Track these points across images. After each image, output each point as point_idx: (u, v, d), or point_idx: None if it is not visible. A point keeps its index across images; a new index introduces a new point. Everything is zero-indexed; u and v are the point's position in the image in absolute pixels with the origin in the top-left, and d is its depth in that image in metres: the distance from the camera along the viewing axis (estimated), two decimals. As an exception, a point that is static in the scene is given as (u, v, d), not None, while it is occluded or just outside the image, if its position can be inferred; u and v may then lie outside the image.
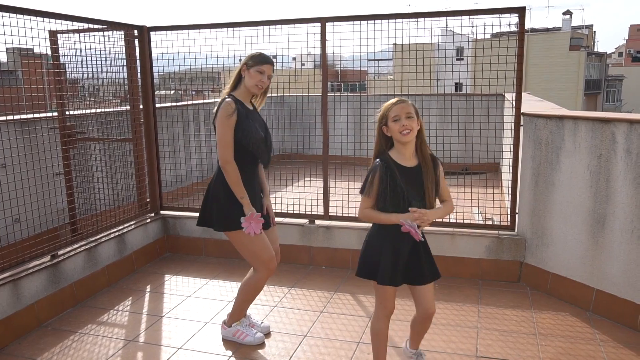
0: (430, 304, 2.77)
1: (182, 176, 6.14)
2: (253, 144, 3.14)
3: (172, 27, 5.03)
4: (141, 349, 3.42)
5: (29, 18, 3.76)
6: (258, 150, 3.19)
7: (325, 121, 4.80)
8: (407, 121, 2.55)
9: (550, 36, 39.32)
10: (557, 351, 3.28)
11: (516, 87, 4.30)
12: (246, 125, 3.13)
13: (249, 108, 3.24)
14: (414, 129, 2.57)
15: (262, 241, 3.23)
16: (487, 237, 4.41)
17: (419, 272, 2.70)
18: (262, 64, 3.17)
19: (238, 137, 3.11)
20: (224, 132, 3.08)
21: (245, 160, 3.18)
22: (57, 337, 3.59)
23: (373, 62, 7.66)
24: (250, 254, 3.26)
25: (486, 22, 4.31)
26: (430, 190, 2.62)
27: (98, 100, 5.65)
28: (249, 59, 3.18)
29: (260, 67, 3.16)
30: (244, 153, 3.16)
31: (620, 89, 48.21)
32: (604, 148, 3.59)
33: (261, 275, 3.29)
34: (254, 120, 3.21)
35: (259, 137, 3.17)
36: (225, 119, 3.07)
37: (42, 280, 3.81)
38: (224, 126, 3.08)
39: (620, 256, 3.57)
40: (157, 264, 5.03)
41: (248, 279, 3.37)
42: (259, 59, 3.18)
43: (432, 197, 2.63)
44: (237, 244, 3.26)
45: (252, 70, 3.16)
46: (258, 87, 3.20)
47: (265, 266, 3.26)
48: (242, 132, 3.11)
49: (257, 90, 3.23)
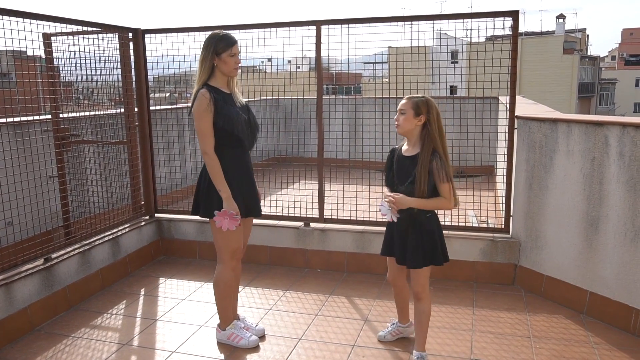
0: (414, 282, 3.04)
1: (177, 179, 6.12)
2: (237, 128, 3.13)
3: (166, 29, 5.02)
4: (135, 353, 3.40)
5: (23, 20, 3.74)
6: (243, 133, 3.17)
7: (320, 124, 4.80)
8: (397, 116, 2.93)
9: (544, 40, 39.52)
10: (551, 354, 3.29)
11: (510, 90, 4.32)
12: (226, 110, 3.10)
13: (226, 93, 3.20)
14: (403, 123, 2.89)
15: (239, 231, 3.25)
16: (482, 239, 4.42)
17: (402, 254, 3.01)
18: (232, 46, 3.12)
19: (220, 124, 3.09)
20: (201, 123, 3.07)
21: (232, 144, 3.17)
22: (50, 341, 3.57)
23: (368, 64, 7.67)
24: (222, 243, 3.28)
25: (480, 25, 4.34)
26: (420, 178, 2.82)
27: (92, 102, 5.63)
28: (216, 46, 3.10)
29: (231, 50, 3.12)
30: (229, 139, 3.14)
31: (613, 92, 48.51)
32: (597, 151, 3.61)
33: (223, 267, 3.33)
34: (233, 104, 3.19)
35: (241, 119, 3.16)
36: (201, 110, 3.05)
37: (35, 283, 3.79)
38: (201, 117, 3.06)
39: (613, 259, 3.59)
40: (152, 267, 5.01)
41: (215, 277, 3.40)
42: (227, 42, 3.11)
43: (423, 186, 2.83)
44: (214, 230, 3.27)
45: (224, 56, 3.12)
46: (235, 69, 3.19)
47: (231, 256, 3.31)
48: (224, 118, 3.09)
49: (236, 73, 3.21)
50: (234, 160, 3.21)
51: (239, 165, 3.24)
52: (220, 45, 3.11)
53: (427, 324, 3.12)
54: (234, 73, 3.20)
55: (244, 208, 3.24)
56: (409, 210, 2.91)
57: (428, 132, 2.87)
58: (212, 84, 3.17)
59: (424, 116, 2.87)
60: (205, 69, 3.14)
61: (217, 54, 3.12)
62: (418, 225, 2.93)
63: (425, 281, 3.03)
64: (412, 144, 2.94)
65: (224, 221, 3.12)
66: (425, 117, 2.87)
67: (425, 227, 2.95)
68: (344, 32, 4.56)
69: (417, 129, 2.90)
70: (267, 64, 7.88)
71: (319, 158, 4.87)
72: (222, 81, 3.21)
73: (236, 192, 3.18)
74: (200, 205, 3.26)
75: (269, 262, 4.98)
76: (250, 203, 3.32)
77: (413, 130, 2.90)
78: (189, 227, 5.19)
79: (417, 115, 2.87)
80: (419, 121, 2.87)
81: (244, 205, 3.25)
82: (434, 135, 2.86)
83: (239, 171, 3.24)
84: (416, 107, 2.86)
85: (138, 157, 5.14)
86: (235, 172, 3.21)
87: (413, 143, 2.93)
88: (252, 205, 3.34)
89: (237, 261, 3.40)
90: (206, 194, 3.21)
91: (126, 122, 5.01)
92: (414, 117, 2.87)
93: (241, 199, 3.22)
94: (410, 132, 2.91)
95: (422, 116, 2.87)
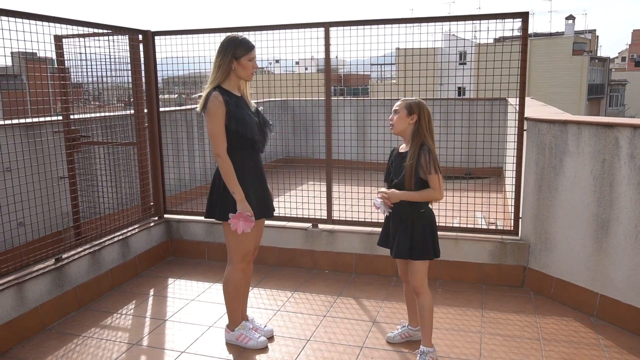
0: (411, 277, 3.16)
1: (186, 180, 6.15)
2: (250, 130, 3.15)
3: (176, 31, 5.05)
4: (144, 353, 3.43)
5: (35, 23, 3.78)
6: (255, 135, 3.19)
7: (328, 125, 4.81)
8: (392, 115, 3.11)
9: (553, 41, 39.28)
10: (561, 356, 3.27)
11: (519, 92, 4.30)
12: (238, 113, 3.12)
13: (237, 96, 3.22)
14: (397, 122, 3.07)
15: (250, 237, 3.28)
16: (491, 241, 4.40)
17: (392, 246, 3.17)
18: (251, 51, 3.15)
19: (233, 127, 3.11)
20: (214, 126, 3.09)
21: (244, 146, 3.18)
22: (60, 340, 3.60)
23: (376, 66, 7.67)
24: (235, 243, 3.29)
25: (489, 27, 4.32)
26: (407, 171, 3.00)
27: (102, 104, 5.67)
28: (235, 50, 3.12)
29: (250, 54, 3.16)
30: (242, 141, 3.16)
31: (623, 93, 48.12)
32: (608, 153, 3.58)
33: (233, 268, 3.34)
34: (244, 107, 3.21)
35: (253, 122, 3.18)
36: (214, 113, 3.08)
37: (46, 283, 3.82)
38: (213, 120, 3.09)
39: (624, 261, 3.56)
40: (161, 267, 5.04)
41: (224, 278, 3.41)
42: (246, 47, 3.14)
43: (410, 179, 3.01)
44: (227, 232, 3.28)
45: (243, 60, 3.14)
46: (252, 74, 3.23)
47: (242, 258, 3.32)
48: (237, 121, 3.10)
49: (252, 77, 3.25)
50: (246, 162, 3.22)
51: (251, 167, 3.25)
52: (239, 49, 3.13)
53: (430, 319, 3.16)
54: (251, 77, 3.24)
55: (257, 210, 3.25)
56: (403, 205, 3.08)
57: (418, 129, 3.05)
58: (225, 86, 3.19)
59: (416, 115, 3.05)
60: (222, 72, 3.16)
61: (237, 58, 3.14)
62: (410, 220, 3.08)
63: (422, 276, 3.13)
64: (406, 142, 3.12)
65: (239, 224, 3.12)
66: (417, 116, 3.05)
67: (417, 221, 3.08)
68: (352, 34, 4.56)
69: (410, 128, 3.08)
70: (275, 65, 7.91)
71: (327, 159, 4.87)
72: (235, 84, 3.24)
73: (249, 194, 3.20)
74: (215, 208, 3.27)
75: (277, 263, 4.99)
76: (263, 204, 3.33)
77: (406, 130, 3.09)
78: (198, 227, 5.21)
79: (409, 115, 3.05)
80: (412, 120, 3.06)
81: (257, 207, 3.26)
82: (423, 131, 3.05)
83: (251, 173, 3.25)
84: (409, 107, 3.06)
85: (147, 158, 5.17)
86: (247, 174, 3.22)
87: (407, 141, 3.11)
88: (264, 206, 3.36)
89: (248, 263, 3.41)
90: (221, 197, 3.22)
91: (136, 124, 5.04)
92: (407, 116, 3.06)
93: (254, 200, 3.24)
94: (404, 131, 3.10)
95: (415, 115, 3.05)
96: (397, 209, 3.12)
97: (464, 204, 4.83)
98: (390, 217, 3.19)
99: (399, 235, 3.11)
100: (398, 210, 3.11)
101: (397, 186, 3.08)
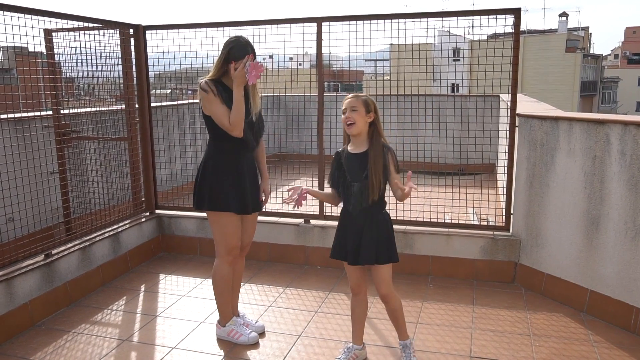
0: (378, 284, 2.98)
1: (178, 175, 6.12)
2: None
3: (167, 26, 5.01)
4: (135, 349, 3.41)
5: (24, 16, 3.74)
6: (244, 132, 3.16)
7: (321, 121, 4.80)
8: (350, 113, 2.87)
9: (546, 38, 39.45)
10: (551, 352, 3.29)
11: (512, 88, 4.31)
12: (229, 106, 3.12)
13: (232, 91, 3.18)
14: (358, 120, 2.85)
15: (235, 227, 3.29)
16: (482, 237, 4.42)
17: (356, 252, 2.91)
18: (242, 58, 3.11)
19: None
20: (212, 107, 3.10)
21: (232, 139, 3.16)
22: (50, 336, 3.58)
23: (370, 62, 7.66)
24: (219, 236, 3.30)
25: (482, 23, 4.32)
26: (373, 172, 2.82)
27: (93, 99, 5.63)
28: (235, 52, 3.11)
29: (240, 61, 3.11)
30: (229, 135, 3.14)
31: (615, 90, 48.42)
32: (599, 149, 3.60)
33: (220, 261, 3.35)
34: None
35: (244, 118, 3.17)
36: (206, 96, 3.09)
37: (35, 279, 3.79)
38: (211, 102, 3.09)
39: (614, 257, 3.58)
40: (152, 263, 5.02)
41: (212, 271, 3.41)
42: (238, 53, 3.11)
43: (378, 178, 2.83)
44: (212, 223, 3.31)
45: (234, 64, 3.11)
46: (246, 79, 3.19)
47: (227, 252, 3.32)
48: None
49: (244, 81, 3.20)
50: (232, 155, 3.22)
51: (236, 160, 3.24)
52: (232, 52, 3.12)
53: (403, 317, 3.10)
54: (243, 80, 3.19)
55: (242, 204, 3.25)
56: (366, 208, 2.88)
57: (376, 129, 2.91)
58: (223, 80, 3.20)
59: (373, 113, 2.90)
60: (218, 69, 3.17)
61: (228, 60, 3.12)
62: (375, 223, 2.90)
63: (390, 280, 2.98)
64: (359, 142, 2.92)
65: (251, 75, 3.04)
66: (374, 114, 2.90)
67: (382, 223, 2.92)
68: (345, 29, 4.55)
69: (366, 127, 2.90)
70: (268, 60, 7.88)
71: (320, 155, 4.86)
72: None
73: (227, 188, 3.20)
74: (204, 199, 3.26)
75: (269, 259, 4.98)
76: (252, 199, 3.32)
77: (363, 128, 2.90)
78: (190, 223, 5.19)
79: (367, 113, 2.88)
80: (369, 118, 2.89)
81: (244, 202, 3.26)
82: (381, 131, 2.92)
83: (236, 167, 3.24)
84: (366, 104, 2.88)
85: (139, 153, 5.14)
86: (230, 168, 3.21)
87: (361, 141, 2.91)
88: (253, 201, 3.35)
89: (235, 257, 3.40)
90: (206, 187, 3.23)
91: (127, 119, 5.01)
92: (365, 114, 2.88)
93: (238, 195, 3.23)
94: (363, 129, 2.90)
95: (372, 113, 2.89)
96: (362, 212, 2.89)
97: (455, 200, 4.84)
98: (347, 226, 2.95)
99: (364, 239, 2.88)
100: (361, 214, 2.89)
101: (360, 189, 2.85)
